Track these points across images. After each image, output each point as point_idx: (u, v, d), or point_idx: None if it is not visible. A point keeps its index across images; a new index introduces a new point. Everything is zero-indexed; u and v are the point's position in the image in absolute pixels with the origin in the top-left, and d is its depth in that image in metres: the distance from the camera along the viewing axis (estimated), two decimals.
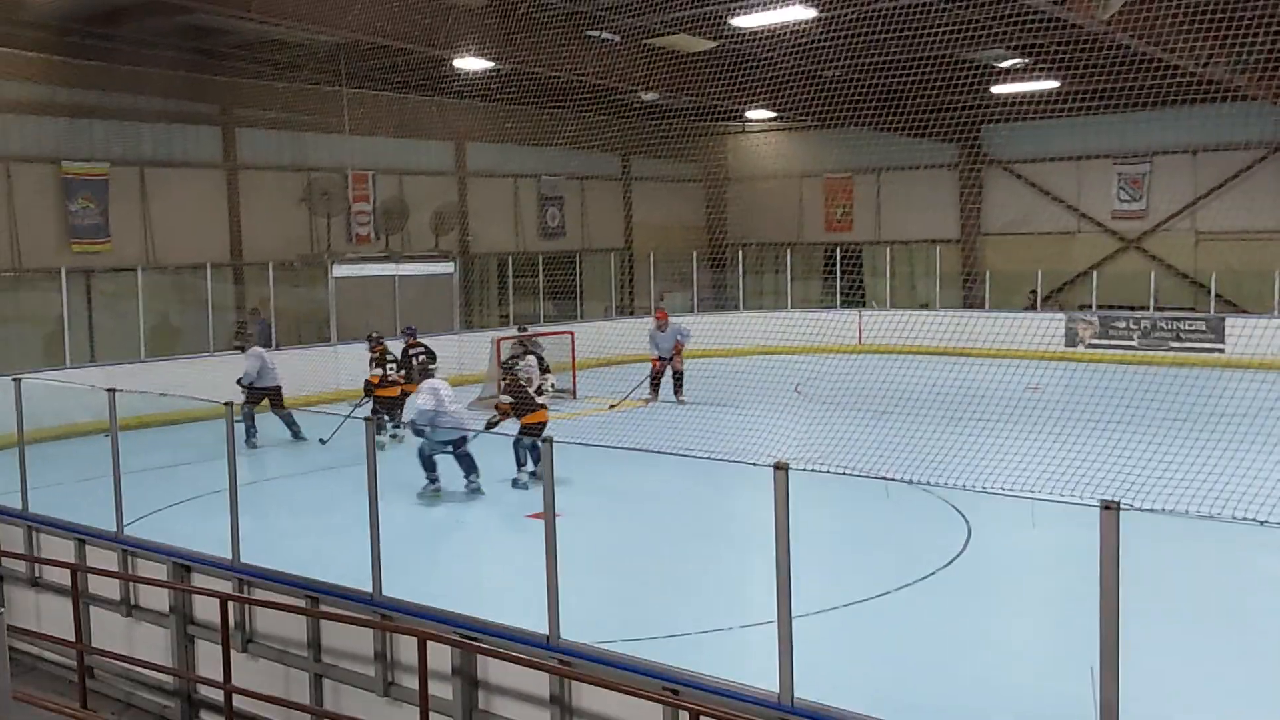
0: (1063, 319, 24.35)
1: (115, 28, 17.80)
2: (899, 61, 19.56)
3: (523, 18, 16.66)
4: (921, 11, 16.09)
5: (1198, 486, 9.27)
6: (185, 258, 20.83)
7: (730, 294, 27.99)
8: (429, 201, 24.97)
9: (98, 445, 9.40)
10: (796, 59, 19.19)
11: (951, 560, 9.68)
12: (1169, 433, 11.10)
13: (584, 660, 6.08)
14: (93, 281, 19.86)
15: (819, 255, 29.19)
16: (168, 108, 20.82)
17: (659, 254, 28.20)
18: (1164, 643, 7.46)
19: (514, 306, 25.25)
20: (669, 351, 18.81)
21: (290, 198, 22.75)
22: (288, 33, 17.81)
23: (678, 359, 18.87)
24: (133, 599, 8.71)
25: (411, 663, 6.67)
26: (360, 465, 7.25)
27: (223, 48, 19.52)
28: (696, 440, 11.92)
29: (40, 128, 19.17)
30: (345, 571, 7.43)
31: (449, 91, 22.56)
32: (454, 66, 18.93)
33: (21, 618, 9.36)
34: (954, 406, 13.39)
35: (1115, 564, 4.50)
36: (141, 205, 20.63)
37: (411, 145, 24.99)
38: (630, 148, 28.03)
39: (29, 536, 9.53)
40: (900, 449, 11.80)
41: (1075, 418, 13.36)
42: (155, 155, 20.81)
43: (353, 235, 23.74)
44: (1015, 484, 8.89)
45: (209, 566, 8.10)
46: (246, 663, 7.79)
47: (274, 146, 22.60)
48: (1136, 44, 14.61)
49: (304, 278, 22.53)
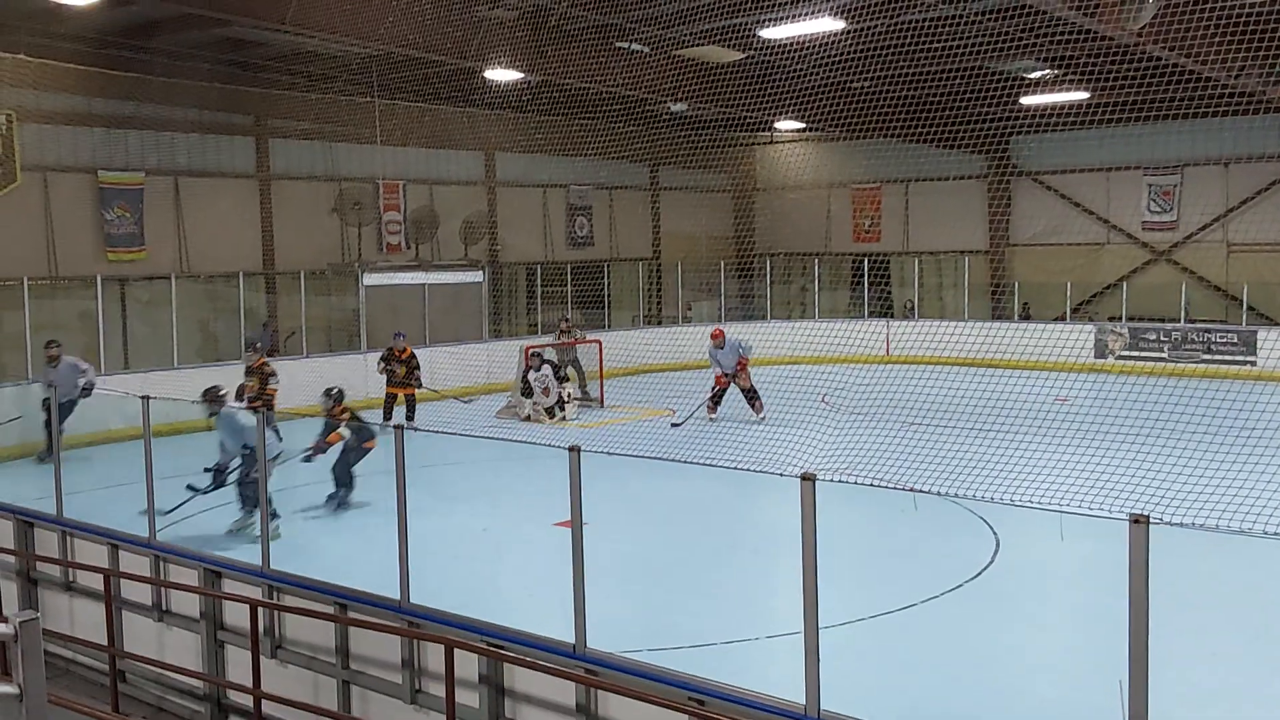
0: (1092, 330, 24.19)
1: (152, 40, 18.04)
2: (928, 73, 19.54)
3: (553, 30, 16.77)
4: (951, 23, 16.07)
5: (1228, 501, 9.20)
6: (218, 266, 21.07)
7: (757, 304, 27.99)
8: (459, 211, 25.12)
9: (132, 451, 9.52)
10: (825, 70, 19.19)
11: (979, 572, 9.64)
12: (1199, 446, 11.01)
13: (610, 669, 6.10)
14: (127, 289, 20.11)
15: (846, 266, 29.15)
16: (202, 119, 21.09)
17: (686, 264, 28.24)
18: (1193, 658, 7.41)
19: (542, 315, 25.35)
20: (733, 368, 18.16)
21: (322, 207, 22.96)
22: (321, 45, 18.00)
23: (744, 375, 18.08)
24: (164, 604, 8.81)
25: (439, 670, 6.71)
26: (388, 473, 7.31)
27: (257, 60, 19.75)
28: (723, 450, 11.93)
29: (77, 138, 19.44)
30: (373, 578, 7.49)
31: (479, 102, 22.72)
32: (484, 78, 19.05)
33: (56, 621, 9.48)
34: (982, 418, 13.33)
35: (1144, 579, 4.49)
36: (176, 214, 20.88)
37: (442, 155, 25.15)
38: (659, 158, 28.08)
39: (63, 541, 9.65)
40: (928, 460, 11.76)
41: (1104, 430, 13.27)
42: (190, 165, 21.06)
43: (383, 244, 23.93)
44: (1043, 497, 8.85)
45: (239, 573, 8.19)
46: (275, 669, 7.85)
47: (306, 157, 22.85)
48: (1167, 55, 14.53)
49: (335, 286, 22.72)
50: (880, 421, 14.80)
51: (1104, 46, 15.96)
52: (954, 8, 15.22)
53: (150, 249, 20.35)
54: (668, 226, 30.67)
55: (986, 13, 15.35)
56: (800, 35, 16.31)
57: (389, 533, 7.29)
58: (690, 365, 22.07)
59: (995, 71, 19.16)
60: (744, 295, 28.84)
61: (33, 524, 9.90)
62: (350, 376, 19.52)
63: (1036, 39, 16.15)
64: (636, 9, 15.96)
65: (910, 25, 16.19)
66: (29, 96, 18.11)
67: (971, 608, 8.92)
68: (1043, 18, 14.00)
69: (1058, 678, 7.54)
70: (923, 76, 20.04)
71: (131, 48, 18.33)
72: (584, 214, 28.98)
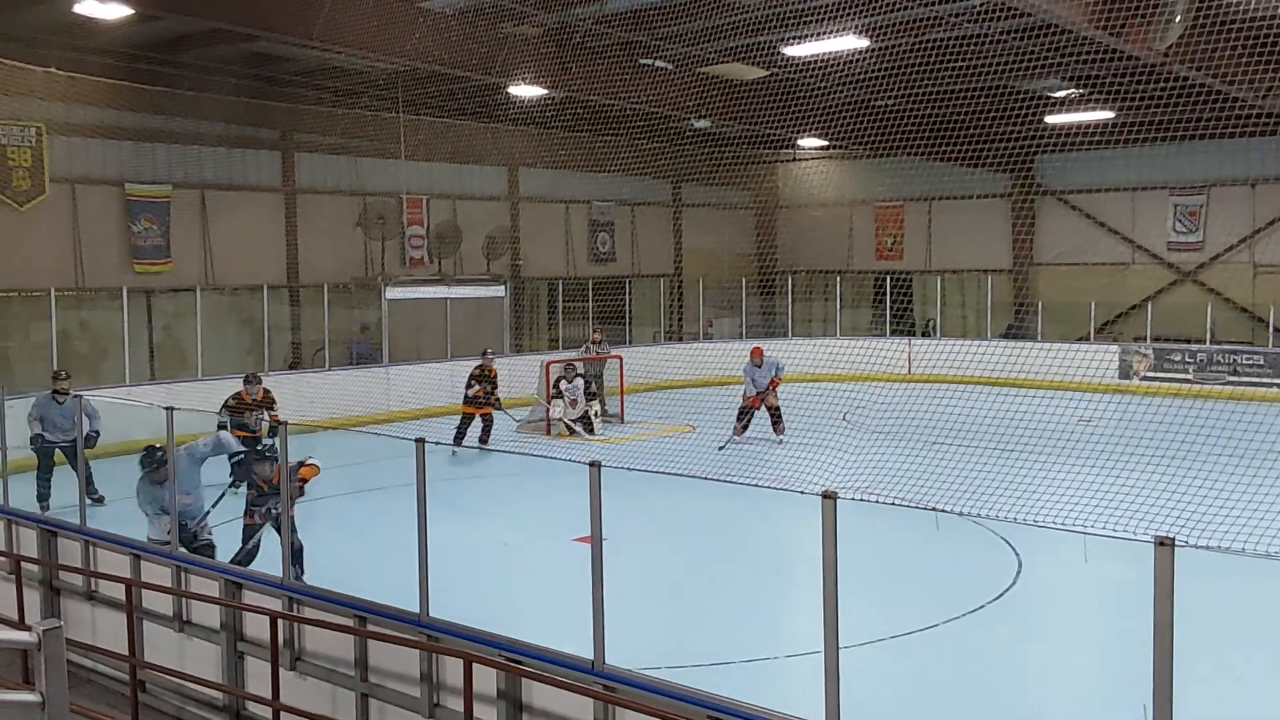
0: (1117, 351, 24.03)
1: (180, 54, 18.24)
2: (952, 91, 19.51)
3: (577, 46, 16.84)
4: (975, 42, 16.05)
5: (1255, 524, 9.10)
6: (243, 279, 21.22)
7: (779, 321, 27.95)
8: (482, 226, 25.23)
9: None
10: (849, 88, 19.20)
11: (1001, 594, 9.57)
12: (1225, 468, 10.91)
13: (628, 686, 6.08)
14: (153, 301, 20.28)
15: (869, 283, 29.08)
16: (229, 132, 21.28)
17: (708, 280, 28.25)
18: (1219, 682, 7.31)
19: (564, 330, 25.40)
20: (765, 386, 18.16)
21: (346, 221, 23.10)
22: (348, 60, 18.15)
23: (772, 394, 18.13)
24: (185, 615, 8.83)
25: (457, 684, 6.70)
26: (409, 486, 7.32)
27: (284, 75, 19.93)
28: (744, 468, 11.91)
29: (106, 151, 19.65)
30: (392, 592, 7.49)
31: (503, 118, 22.85)
32: (509, 93, 19.16)
33: (78, 631, 9.52)
34: (1005, 438, 13.25)
35: (1169, 602, 4.43)
36: (202, 227, 21.06)
37: (465, 170, 25.29)
38: (681, 174, 28.14)
39: (86, 551, 9.71)
40: (950, 480, 11.69)
41: (1129, 451, 13.17)
42: (216, 178, 21.25)
43: (406, 258, 24.05)
44: (1067, 518, 8.78)
45: (260, 584, 8.21)
46: (295, 681, 7.86)
47: (331, 171, 23.01)
48: (1194, 75, 14.46)
49: (358, 300, 22.84)
50: (902, 440, 14.72)
51: (1130, 66, 15.89)
52: (979, 26, 15.21)
53: (176, 261, 20.53)
54: (690, 243, 30.71)
55: (1011, 32, 15.32)
56: (824, 53, 16.31)
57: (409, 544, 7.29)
58: (711, 381, 22.06)
59: (1020, 90, 19.12)
60: (765, 312, 28.82)
61: (56, 533, 9.96)
62: (372, 391, 19.69)
63: (1062, 58, 16.11)
64: (661, 26, 16.02)
65: (935, 44, 16.17)
66: (59, 110, 18.32)
67: (994, 629, 8.85)
68: (1068, 37, 13.97)
69: (1081, 701, 7.47)
70: (947, 95, 20.01)
71: (160, 62, 18.54)
72: (606, 230, 29.05)
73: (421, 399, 19.94)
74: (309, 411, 16.04)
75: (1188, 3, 12.53)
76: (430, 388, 20.17)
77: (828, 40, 15.54)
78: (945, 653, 8.32)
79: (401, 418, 18.83)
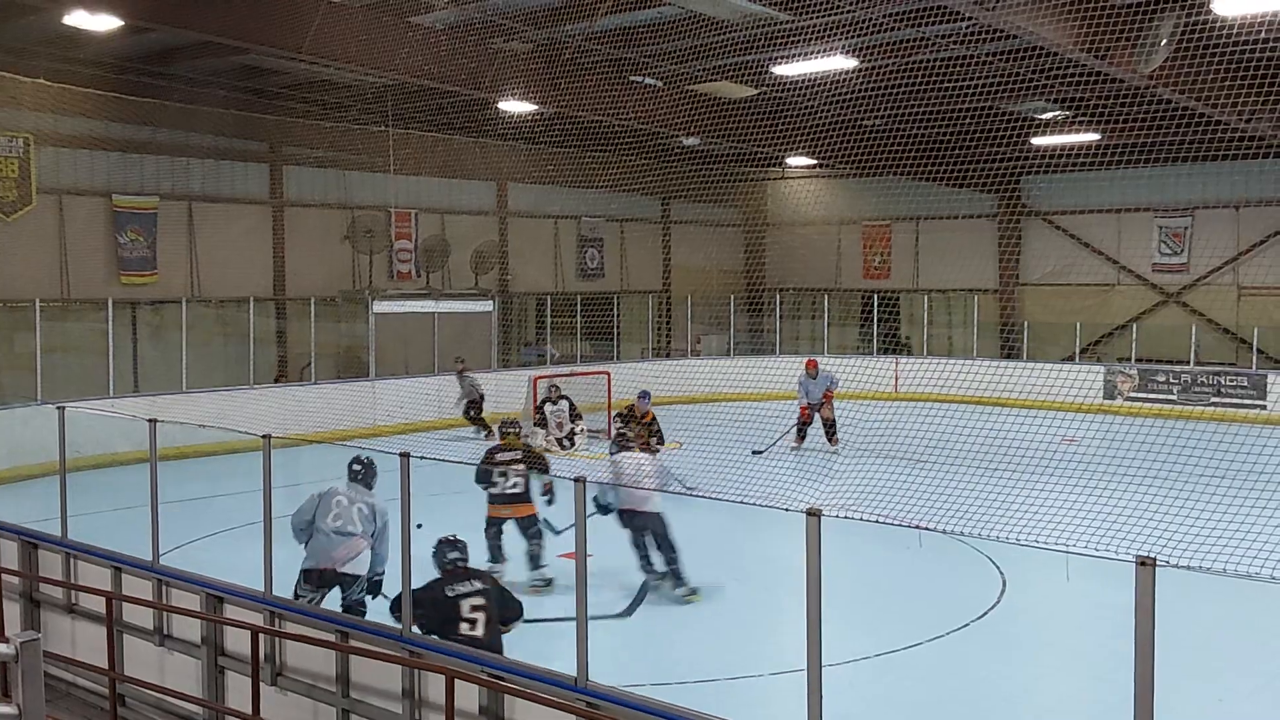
0: (1101, 371, 24.14)
1: (169, 66, 18.22)
2: (939, 112, 19.63)
3: (567, 63, 16.89)
4: (963, 63, 16.17)
5: (1236, 544, 9.13)
6: (229, 291, 21.17)
7: (767, 338, 28.00)
8: (470, 240, 25.24)
9: (138, 474, 9.52)
10: (837, 108, 19.30)
11: (985, 612, 9.58)
12: (1207, 489, 10.95)
13: (612, 703, 6.06)
14: (138, 313, 20.21)
15: (856, 302, 29.18)
16: (217, 144, 21.26)
17: (696, 297, 28.30)
18: (1200, 702, 7.33)
19: (551, 346, 25.41)
20: (819, 398, 18.43)
21: (334, 234, 23.09)
22: (337, 74, 18.16)
23: (828, 406, 18.40)
24: (166, 628, 8.78)
25: (439, 701, 6.67)
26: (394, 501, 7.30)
27: (273, 87, 19.92)
28: (728, 484, 11.89)
29: (93, 162, 19.60)
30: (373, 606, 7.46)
31: (492, 133, 22.88)
32: (498, 109, 19.19)
33: (57, 643, 9.45)
34: (989, 457, 13.28)
35: (1150, 621, 4.45)
36: (189, 239, 21.02)
37: (454, 185, 25.31)
38: (670, 191, 28.22)
39: (67, 563, 9.64)
40: (934, 498, 11.71)
41: (1112, 471, 13.21)
42: (203, 190, 21.22)
43: (394, 272, 24.04)
44: (1050, 537, 8.79)
45: (241, 598, 8.16)
46: (275, 696, 7.81)
47: (319, 184, 23.01)
48: (1179, 98, 14.57)
49: (345, 313, 22.80)
50: (887, 458, 14.74)
51: (1116, 89, 16.03)
52: (966, 49, 15.31)
53: (162, 273, 20.47)
54: (678, 260, 30.76)
55: (998, 54, 15.43)
56: (813, 73, 16.41)
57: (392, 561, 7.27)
58: (698, 399, 22.07)
59: (1007, 112, 19.24)
60: (753, 330, 28.88)
61: (37, 545, 9.89)
62: (359, 404, 19.63)
63: (1048, 80, 16.22)
64: (651, 44, 16.09)
65: (922, 65, 16.28)
66: (47, 120, 18.28)
67: (977, 647, 8.86)
68: (1055, 60, 14.05)
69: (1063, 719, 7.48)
70: (934, 116, 20.12)
71: (149, 73, 18.53)
72: (595, 246, 29.09)
73: (408, 413, 19.90)
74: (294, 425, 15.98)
75: (1173, 27, 12.64)
76: (417, 402, 20.15)
77: (816, 60, 15.62)
78: (929, 671, 8.32)
79: (387, 432, 18.76)
